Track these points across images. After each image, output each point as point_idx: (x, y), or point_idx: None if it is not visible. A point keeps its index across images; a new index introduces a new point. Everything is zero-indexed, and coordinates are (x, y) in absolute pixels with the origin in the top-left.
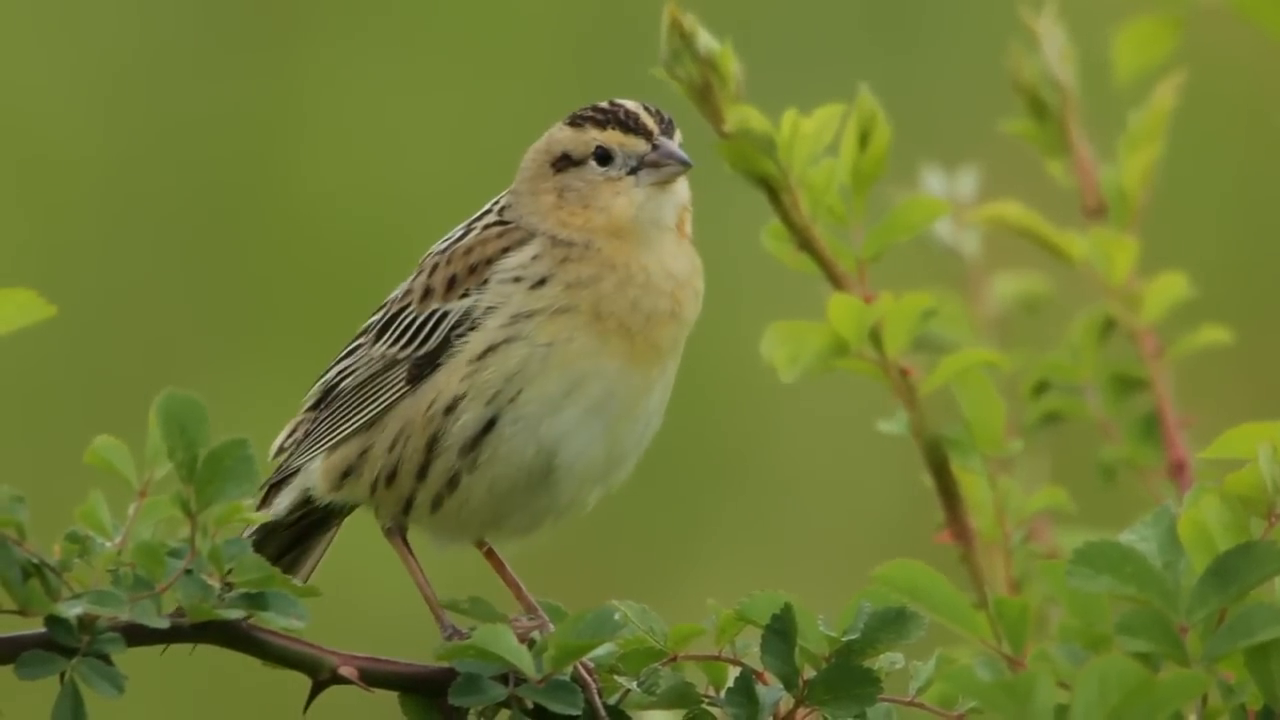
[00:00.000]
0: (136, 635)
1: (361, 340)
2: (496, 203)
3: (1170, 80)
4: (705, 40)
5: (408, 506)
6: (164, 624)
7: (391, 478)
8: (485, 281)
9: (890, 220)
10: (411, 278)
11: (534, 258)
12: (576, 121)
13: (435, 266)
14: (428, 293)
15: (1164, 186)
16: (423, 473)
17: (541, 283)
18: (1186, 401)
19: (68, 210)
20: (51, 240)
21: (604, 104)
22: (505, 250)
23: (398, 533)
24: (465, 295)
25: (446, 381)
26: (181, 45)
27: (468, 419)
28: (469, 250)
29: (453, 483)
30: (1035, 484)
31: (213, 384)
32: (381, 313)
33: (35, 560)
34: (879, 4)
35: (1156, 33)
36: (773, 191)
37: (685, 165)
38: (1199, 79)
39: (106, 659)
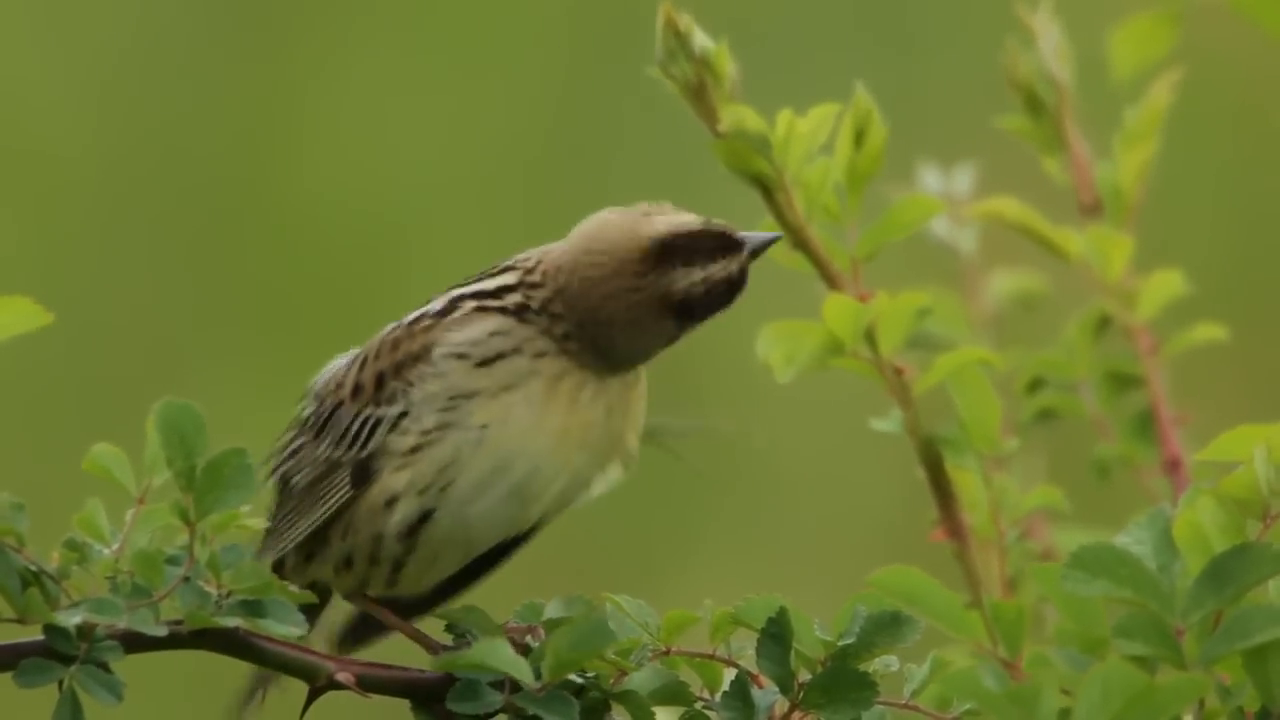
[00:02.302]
0: (135, 643)
1: (304, 438)
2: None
3: (1167, 77)
4: (700, 40)
5: (364, 585)
6: (162, 631)
7: (349, 563)
8: (421, 364)
9: (885, 220)
10: (356, 361)
11: (492, 334)
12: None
13: (365, 361)
14: (358, 389)
15: (1160, 184)
16: (374, 559)
17: (498, 358)
18: (1181, 399)
19: (63, 208)
20: (46, 239)
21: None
22: (432, 344)
23: (357, 593)
24: (394, 399)
25: (386, 479)
26: (176, 41)
27: (403, 513)
28: (396, 345)
29: (398, 566)
30: (1030, 481)
31: (210, 384)
32: (316, 402)
33: (34, 568)
34: (874, 1)
35: (1153, 30)
36: (767, 190)
37: None
38: (1195, 76)
39: (105, 667)
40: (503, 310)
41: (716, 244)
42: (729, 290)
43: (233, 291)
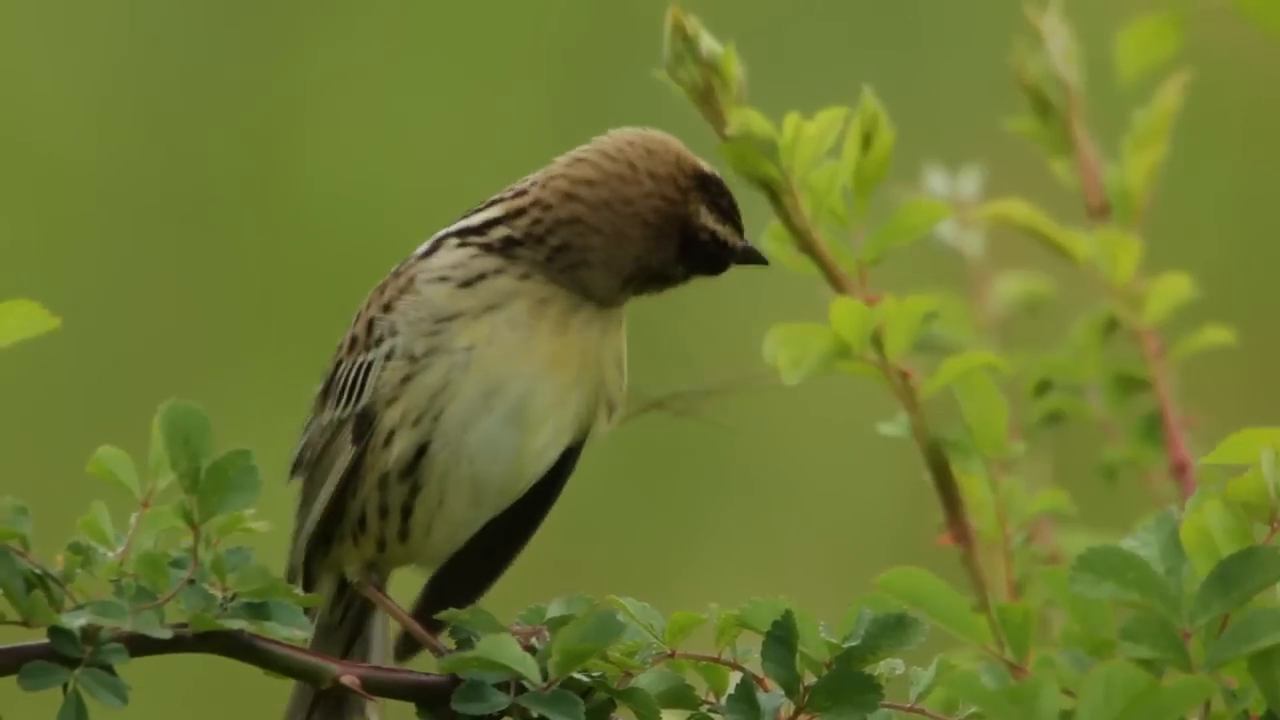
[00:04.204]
0: (139, 645)
1: (311, 415)
2: (493, 204)
3: (1175, 80)
4: (708, 43)
5: (382, 545)
6: (167, 634)
7: (363, 523)
8: (406, 294)
9: (891, 224)
10: (352, 319)
11: (474, 257)
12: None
13: (359, 315)
14: (353, 342)
15: (1167, 186)
16: (383, 509)
17: (480, 279)
18: (1188, 402)
19: (67, 209)
20: (51, 240)
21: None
22: (415, 274)
23: (369, 584)
24: (382, 339)
25: (383, 416)
26: (180, 42)
27: (400, 448)
28: (383, 290)
29: (406, 513)
30: (1037, 484)
31: (214, 386)
32: (322, 379)
33: (39, 571)
34: (882, 2)
35: (1160, 32)
36: (774, 194)
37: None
38: (1203, 78)
39: (109, 669)
40: (487, 247)
41: (729, 213)
42: (717, 257)
43: (238, 293)
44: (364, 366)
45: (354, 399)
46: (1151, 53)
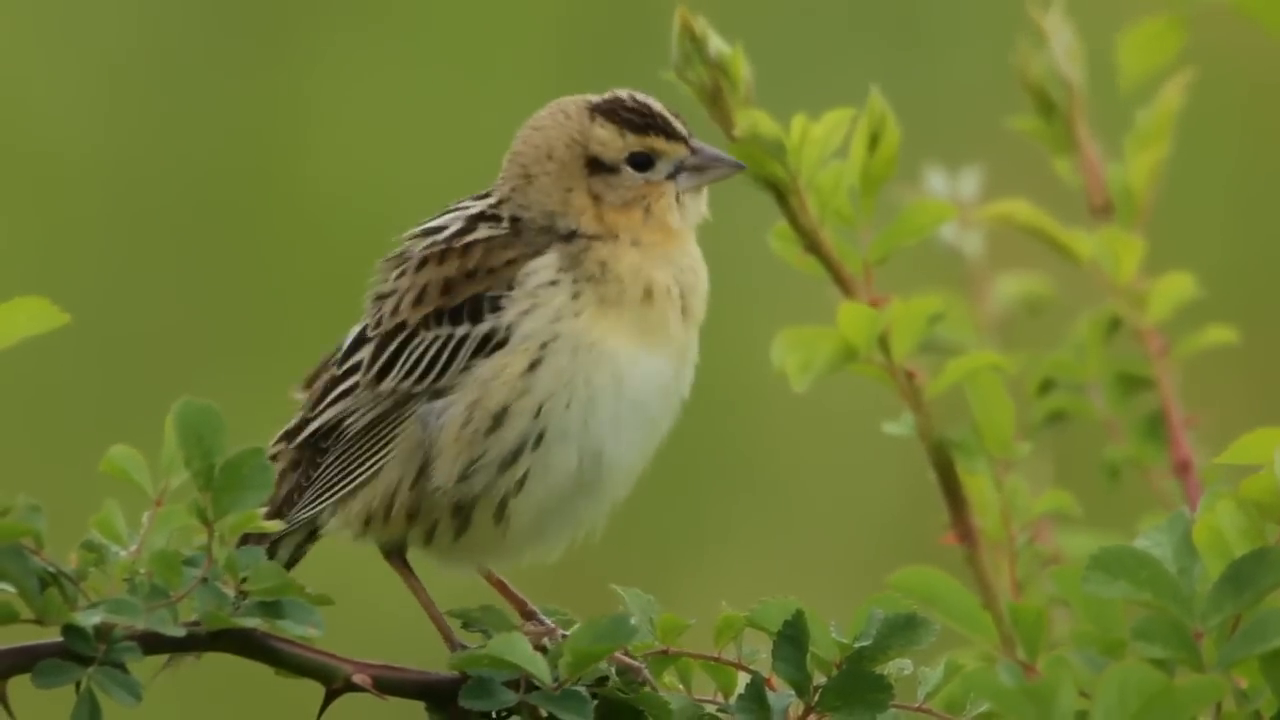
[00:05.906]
0: (153, 644)
1: (356, 379)
2: (484, 197)
3: (1177, 79)
4: (716, 44)
5: (430, 535)
6: (180, 632)
7: (415, 511)
8: (510, 289)
9: (897, 224)
10: (392, 300)
11: (559, 268)
12: (609, 122)
13: (405, 271)
14: (421, 296)
15: (1170, 185)
16: (459, 509)
17: (571, 284)
18: (1190, 401)
19: (71, 210)
20: (57, 241)
21: (631, 103)
22: (510, 261)
23: (396, 555)
24: (481, 318)
25: (483, 402)
26: (181, 43)
27: (511, 436)
28: (466, 251)
29: (502, 504)
30: (1039, 483)
31: (217, 386)
32: (371, 346)
33: (52, 569)
34: (886, 2)
35: (1162, 34)
36: (781, 194)
37: (737, 168)
38: (1205, 77)
39: (123, 667)
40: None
41: (625, 120)
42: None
43: (240, 292)
44: (453, 340)
45: (435, 374)
46: (1154, 56)
